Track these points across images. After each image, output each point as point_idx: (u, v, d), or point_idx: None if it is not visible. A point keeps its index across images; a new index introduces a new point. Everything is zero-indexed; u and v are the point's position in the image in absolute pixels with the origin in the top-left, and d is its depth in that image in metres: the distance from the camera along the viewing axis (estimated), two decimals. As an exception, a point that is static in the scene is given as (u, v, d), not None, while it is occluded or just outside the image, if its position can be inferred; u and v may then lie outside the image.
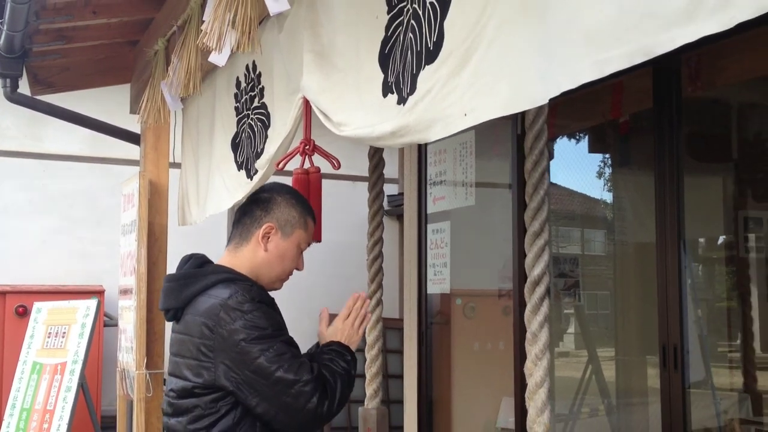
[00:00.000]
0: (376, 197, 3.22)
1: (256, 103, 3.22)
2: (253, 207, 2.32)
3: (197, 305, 2.15)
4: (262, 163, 3.09)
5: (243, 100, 3.36)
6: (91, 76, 4.75)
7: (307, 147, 2.73)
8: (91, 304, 5.14)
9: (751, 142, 4.30)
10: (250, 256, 2.28)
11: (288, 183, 2.68)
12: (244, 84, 3.35)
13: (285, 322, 2.26)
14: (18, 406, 5.03)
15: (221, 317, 2.08)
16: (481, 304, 4.99)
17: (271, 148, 3.01)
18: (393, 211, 7.16)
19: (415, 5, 2.06)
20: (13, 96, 4.50)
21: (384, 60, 2.24)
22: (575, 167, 4.89)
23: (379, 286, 3.17)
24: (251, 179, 3.21)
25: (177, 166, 4.28)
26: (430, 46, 1.97)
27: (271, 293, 2.29)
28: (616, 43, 1.41)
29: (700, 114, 3.47)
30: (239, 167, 3.37)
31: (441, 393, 4.81)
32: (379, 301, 3.16)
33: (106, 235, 6.52)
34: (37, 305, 5.43)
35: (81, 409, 5.07)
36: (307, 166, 2.74)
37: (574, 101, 3.96)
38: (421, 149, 4.76)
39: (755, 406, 4.32)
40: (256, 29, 2.67)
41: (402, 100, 2.10)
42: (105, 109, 5.93)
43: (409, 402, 4.90)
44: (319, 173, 2.71)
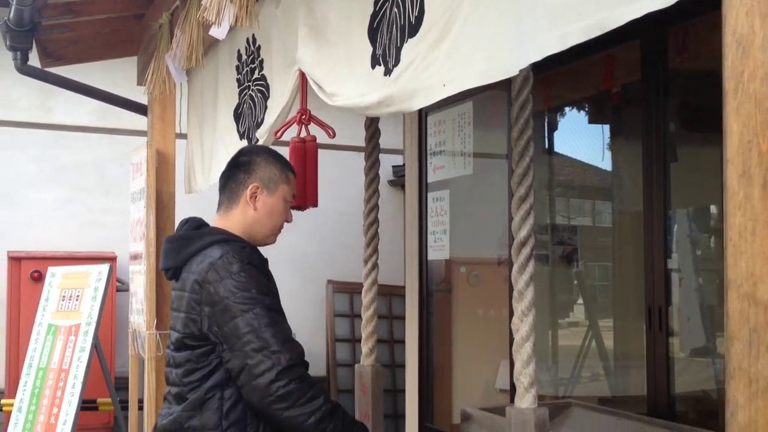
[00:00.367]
0: (372, 166, 3.34)
1: (256, 75, 3.34)
2: (235, 171, 2.47)
3: (192, 264, 2.31)
4: (262, 132, 3.21)
5: (244, 72, 3.48)
6: (99, 48, 4.88)
7: (303, 117, 2.86)
8: (103, 269, 5.30)
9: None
10: (241, 217, 2.43)
11: (286, 151, 2.83)
12: (245, 56, 3.46)
13: (276, 286, 2.39)
14: (35, 365, 5.22)
15: (210, 275, 2.23)
16: (480, 271, 5.13)
17: (270, 118, 3.14)
18: (398, 181, 7.26)
19: (399, -19, 2.18)
20: (23, 68, 4.64)
21: (373, 33, 2.35)
22: (576, 137, 4.99)
23: (375, 251, 3.30)
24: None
25: (183, 136, 4.42)
26: (413, 20, 2.09)
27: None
28: (576, 18, 1.53)
29: (688, 85, 3.57)
30: (241, 137, 3.49)
31: (442, 357, 4.96)
32: (375, 265, 3.29)
33: (116, 204, 6.65)
34: (51, 270, 5.60)
35: (95, 368, 5.25)
36: (303, 135, 2.88)
37: (571, 72, 4.07)
38: (422, 120, 4.88)
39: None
40: (254, 4, 2.79)
41: (388, 72, 2.22)
42: (113, 81, 6.05)
43: (411, 366, 5.05)
44: (315, 142, 2.84)
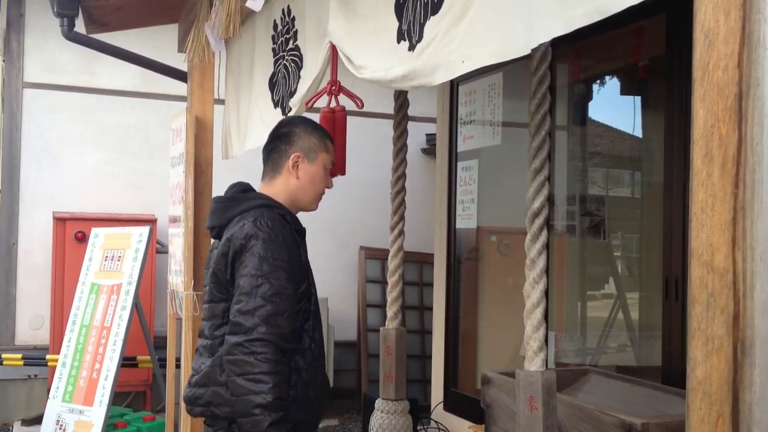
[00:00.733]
0: (400, 135, 3.45)
1: (290, 45, 3.46)
2: (276, 143, 2.62)
3: (233, 225, 2.47)
4: (295, 101, 3.34)
5: (279, 42, 3.59)
6: (141, 16, 5.02)
7: (333, 88, 2.97)
8: (143, 230, 5.50)
9: None
10: (284, 186, 2.59)
11: (317, 119, 2.96)
12: (281, 27, 3.57)
13: (306, 256, 2.53)
14: (78, 322, 5.44)
15: (239, 234, 2.39)
16: (511, 240, 5.22)
17: (303, 88, 3.26)
18: (431, 149, 7.34)
19: (424, -40, 2.28)
20: (70, 34, 4.81)
21: (399, 9, 2.45)
22: (605, 110, 5.03)
23: (402, 218, 3.42)
24: (286, 116, 3.47)
25: (221, 102, 4.56)
26: (435, -2, 2.19)
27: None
28: (579, 4, 1.62)
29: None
30: (275, 105, 3.62)
31: (469, 324, 5.08)
32: (401, 232, 3.42)
33: (157, 167, 6.82)
34: (94, 231, 5.80)
35: (135, 327, 5.46)
36: (333, 105, 3.00)
37: (601, 44, 4.12)
38: (453, 90, 4.97)
39: None
40: (289, -23, 2.90)
41: (411, 47, 2.32)
42: (154, 47, 6.21)
43: (437, 331, 5.19)
44: (344, 111, 2.96)
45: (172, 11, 4.93)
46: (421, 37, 2.26)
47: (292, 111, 3.36)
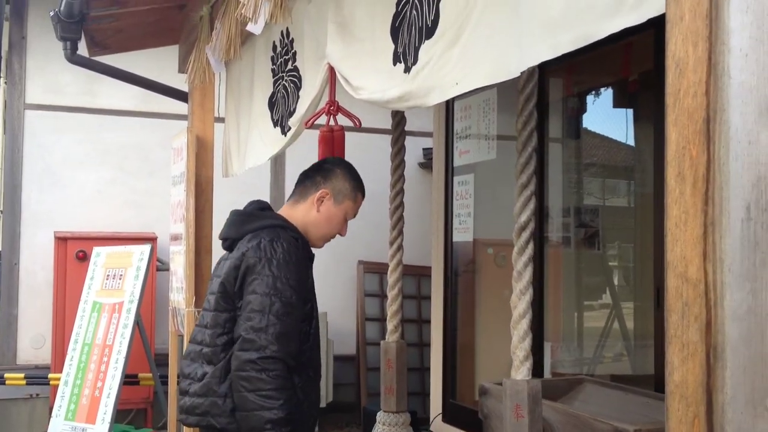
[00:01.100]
0: (398, 152, 3.55)
1: (289, 66, 3.55)
2: (315, 173, 2.75)
3: (248, 240, 2.56)
4: (294, 120, 3.42)
5: (278, 63, 3.69)
6: (143, 38, 5.12)
7: (332, 108, 3.07)
8: (145, 249, 5.57)
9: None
10: (303, 213, 2.70)
11: (315, 137, 3.06)
12: (280, 48, 3.67)
13: (312, 280, 2.63)
14: (80, 341, 5.50)
15: (256, 250, 2.48)
16: (507, 253, 5.30)
17: (302, 108, 3.34)
18: (428, 164, 7.42)
19: (418, -13, 2.37)
20: (73, 58, 4.90)
21: (395, 32, 2.55)
22: (601, 121, 5.14)
23: (400, 233, 3.52)
24: (285, 135, 3.56)
25: (220, 120, 4.65)
26: (429, 23, 2.28)
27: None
28: (565, 30, 1.71)
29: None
30: (275, 124, 3.70)
31: (466, 336, 5.15)
32: (400, 247, 3.51)
33: (157, 186, 6.88)
34: (96, 250, 5.87)
35: (136, 344, 5.52)
36: (332, 124, 3.09)
37: (595, 59, 4.22)
38: (449, 106, 5.06)
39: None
40: (288, 2, 3.00)
41: (407, 69, 2.41)
42: (155, 67, 6.29)
43: (435, 344, 5.26)
44: (342, 131, 3.05)
45: (172, 33, 5.03)
46: (416, 59, 2.35)
47: (291, 130, 3.45)
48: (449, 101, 5.01)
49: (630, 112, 4.57)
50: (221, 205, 5.00)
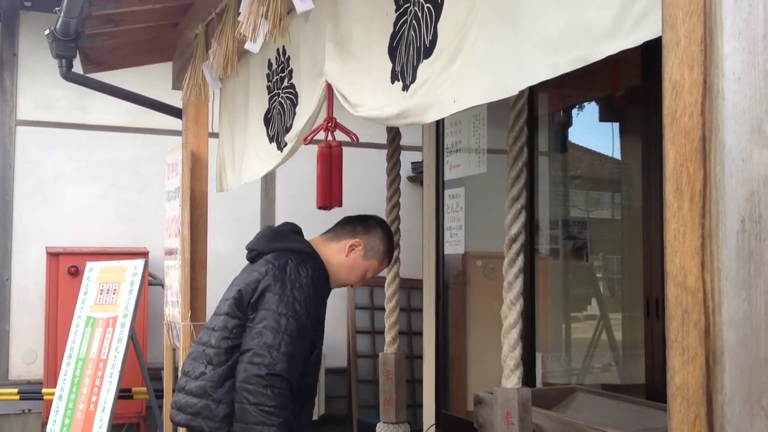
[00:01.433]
0: (394, 166, 3.61)
1: (285, 83, 3.61)
2: (357, 222, 2.89)
3: (275, 257, 2.64)
4: (290, 137, 3.49)
5: (274, 80, 3.75)
6: (137, 55, 5.17)
7: (329, 124, 3.13)
8: (138, 263, 5.60)
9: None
10: (332, 253, 2.81)
11: (305, 152, 3.13)
12: (275, 66, 3.73)
13: (324, 311, 2.72)
14: (74, 356, 5.51)
15: (281, 270, 2.56)
16: (496, 265, 5.37)
17: (298, 124, 3.41)
18: (417, 177, 7.51)
19: (415, 7, 2.45)
20: (68, 75, 4.95)
21: (392, 51, 2.62)
22: (588, 135, 5.23)
23: (397, 246, 3.57)
24: (281, 151, 3.62)
25: (214, 135, 4.70)
26: (427, 43, 2.35)
27: None
28: (563, 51, 1.79)
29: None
30: (270, 140, 3.76)
31: (458, 347, 5.21)
32: (397, 259, 3.56)
33: (149, 200, 6.91)
34: (89, 265, 5.88)
35: (130, 359, 5.54)
36: (330, 140, 3.15)
37: (584, 74, 4.31)
38: (439, 121, 5.13)
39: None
40: (286, 21, 3.06)
41: (405, 87, 2.48)
42: (144, 83, 6.34)
43: (428, 355, 5.31)
44: (340, 147, 3.11)
45: (166, 50, 5.09)
46: (414, 78, 2.42)
47: (288, 145, 3.51)
48: (439, 116, 5.08)
49: (616, 126, 4.66)
50: (214, 218, 5.06)
